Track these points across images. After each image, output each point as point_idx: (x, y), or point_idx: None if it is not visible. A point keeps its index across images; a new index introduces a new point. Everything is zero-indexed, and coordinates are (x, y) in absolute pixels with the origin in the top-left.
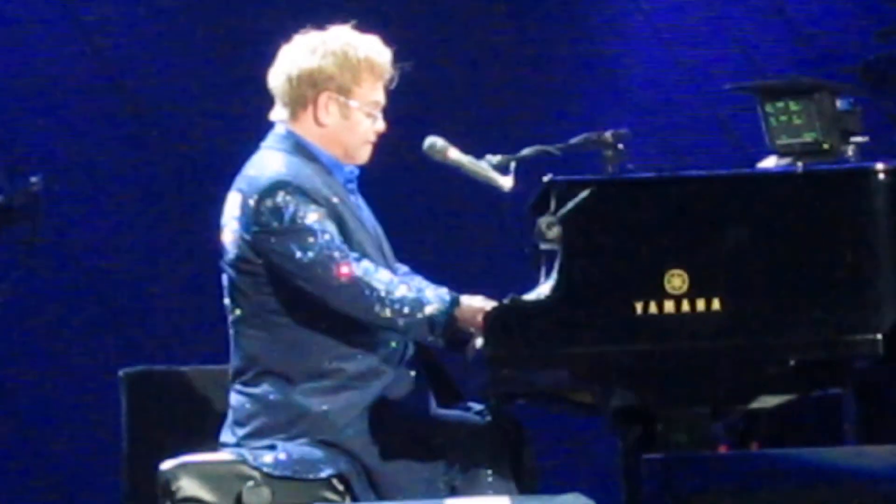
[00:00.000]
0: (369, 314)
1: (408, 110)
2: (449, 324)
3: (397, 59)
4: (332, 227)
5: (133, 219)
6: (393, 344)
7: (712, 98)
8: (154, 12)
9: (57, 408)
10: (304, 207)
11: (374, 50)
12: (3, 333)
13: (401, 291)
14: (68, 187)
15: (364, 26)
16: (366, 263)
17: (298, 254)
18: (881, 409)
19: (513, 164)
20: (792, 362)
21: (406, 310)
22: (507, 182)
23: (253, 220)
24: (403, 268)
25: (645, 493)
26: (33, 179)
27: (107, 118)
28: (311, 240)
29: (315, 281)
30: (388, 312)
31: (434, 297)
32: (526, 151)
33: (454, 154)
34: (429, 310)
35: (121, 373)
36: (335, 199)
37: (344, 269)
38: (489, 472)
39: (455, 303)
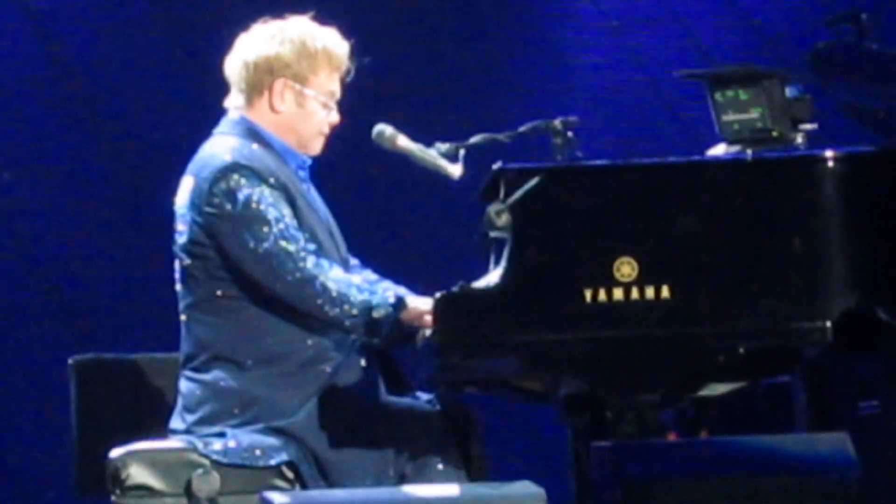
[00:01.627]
0: (316, 311)
1: (357, 98)
2: (394, 327)
3: (354, 50)
4: (287, 212)
5: (82, 207)
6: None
7: (662, 85)
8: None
9: (5, 396)
10: (259, 191)
11: (332, 41)
12: None
13: (351, 293)
14: (17, 176)
15: (317, 16)
16: (323, 261)
17: (252, 243)
18: (830, 397)
19: (462, 152)
20: (741, 350)
21: (354, 311)
22: (456, 170)
23: (206, 201)
24: (354, 260)
25: (594, 481)
26: None
27: (56, 106)
28: (265, 229)
29: (266, 272)
30: (335, 312)
31: (381, 300)
32: (475, 139)
33: (403, 142)
34: (375, 313)
35: (70, 361)
36: (289, 185)
37: (299, 264)
38: (438, 459)
39: (401, 306)
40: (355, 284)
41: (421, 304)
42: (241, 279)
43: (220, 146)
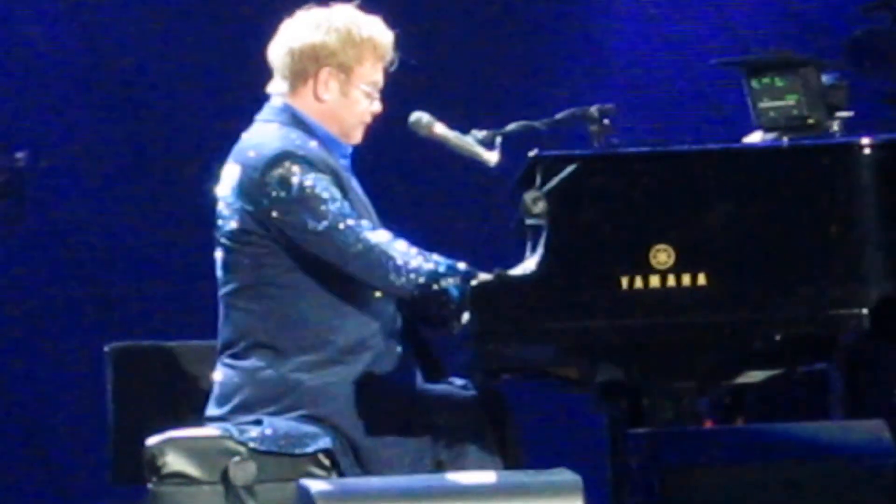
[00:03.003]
0: (384, 281)
1: (394, 86)
2: (463, 296)
3: (399, 41)
4: (339, 195)
5: (119, 194)
6: (381, 318)
7: (698, 73)
8: None
9: (43, 384)
10: (311, 175)
11: (377, 30)
12: None
13: (418, 261)
14: (53, 163)
15: (362, 4)
16: (382, 231)
17: (311, 223)
18: (867, 384)
19: (498, 140)
20: (778, 337)
21: (422, 279)
22: (492, 157)
23: (260, 192)
24: None
25: (630, 468)
26: (18, 155)
27: (93, 93)
28: (322, 208)
29: (331, 249)
30: (402, 281)
31: (450, 269)
32: (511, 127)
33: (440, 129)
34: (444, 282)
35: (106, 348)
36: (336, 170)
37: (360, 236)
38: (475, 447)
39: (471, 276)
40: (422, 253)
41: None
42: (288, 268)
43: (266, 134)
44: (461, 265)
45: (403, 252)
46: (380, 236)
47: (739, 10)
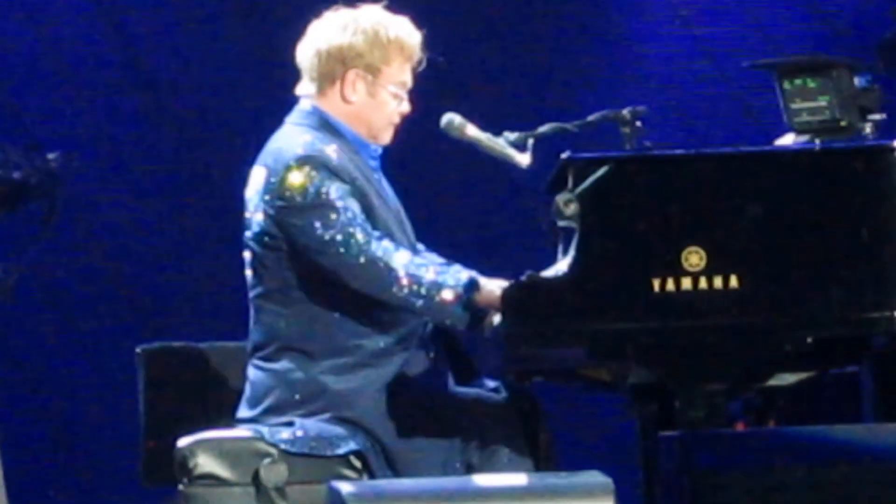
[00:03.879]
0: (386, 294)
1: (426, 87)
2: (467, 308)
3: (426, 41)
4: (354, 205)
5: (150, 195)
6: (412, 322)
7: (730, 75)
8: None
9: (74, 385)
10: (329, 183)
11: (404, 31)
12: (21, 310)
13: (420, 273)
14: (86, 164)
15: (389, 5)
16: (386, 243)
17: (320, 230)
18: None
19: (530, 141)
20: (809, 340)
21: (423, 291)
22: (524, 159)
23: (277, 194)
24: (420, 246)
25: (662, 471)
26: (51, 156)
27: (125, 94)
28: (333, 216)
29: (333, 258)
30: (405, 293)
31: (453, 280)
32: (543, 128)
33: (472, 131)
34: (446, 293)
35: (138, 349)
36: (359, 176)
37: (363, 248)
38: (506, 449)
39: (473, 286)
40: (424, 265)
41: (493, 286)
42: (311, 271)
43: (292, 138)
44: (464, 275)
45: (406, 264)
46: (384, 248)
47: (771, 12)
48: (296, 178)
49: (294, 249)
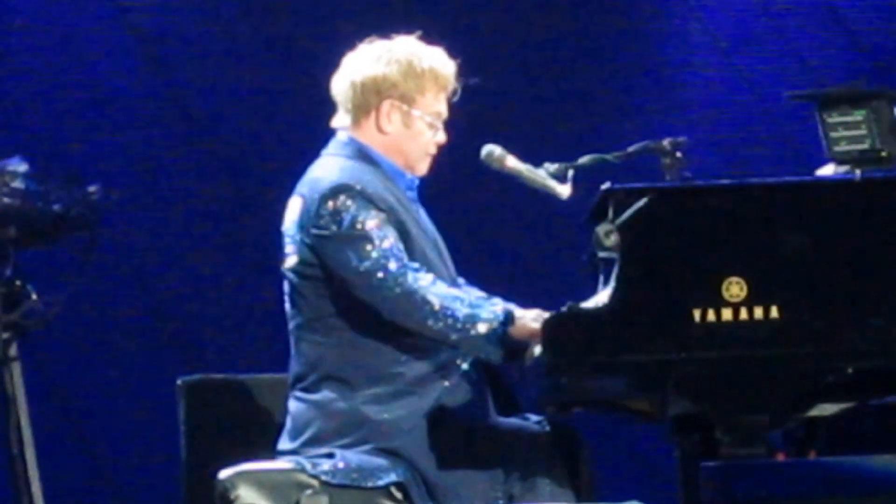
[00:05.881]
0: (421, 327)
1: (466, 119)
2: (502, 340)
3: (461, 70)
4: (392, 234)
5: (191, 227)
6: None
7: (770, 106)
8: (211, 20)
9: (115, 417)
10: (365, 213)
11: (438, 61)
12: (62, 342)
13: (455, 306)
14: (126, 197)
15: (424, 35)
16: (422, 275)
17: (354, 262)
18: None
19: (570, 173)
20: (850, 370)
21: (459, 325)
22: (564, 190)
23: (313, 222)
24: (460, 280)
25: (703, 501)
26: (91, 189)
27: (165, 127)
28: (368, 248)
29: (369, 290)
30: (440, 325)
31: (489, 313)
32: (584, 159)
33: (512, 162)
34: (482, 327)
35: (179, 381)
36: (397, 206)
37: (399, 280)
38: (547, 480)
39: (509, 320)
40: (460, 298)
41: (529, 319)
42: (349, 300)
43: (328, 167)
44: (499, 308)
45: (442, 296)
46: (421, 280)
47: (811, 43)
48: (331, 207)
49: (331, 278)
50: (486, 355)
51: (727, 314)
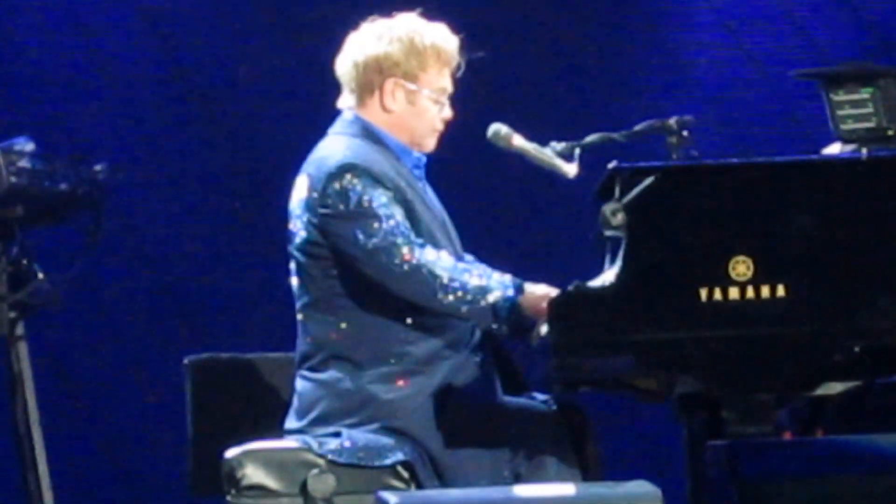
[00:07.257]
0: (431, 301)
1: (472, 97)
2: (512, 311)
3: (464, 47)
4: (398, 211)
5: (197, 206)
6: (460, 326)
7: (776, 85)
8: None
9: (122, 396)
10: (371, 191)
11: (440, 37)
12: (68, 322)
13: (464, 278)
14: (132, 176)
15: (429, 15)
16: (429, 250)
17: (362, 239)
18: None
19: (577, 151)
20: (857, 349)
21: (469, 297)
22: (571, 169)
23: (320, 202)
24: (468, 257)
25: (710, 480)
26: (97, 168)
27: (171, 106)
28: (375, 225)
29: (377, 267)
30: (450, 299)
31: (498, 284)
32: (590, 138)
33: (518, 141)
34: (492, 297)
35: (185, 360)
36: (403, 184)
37: (406, 256)
38: (554, 459)
39: (519, 290)
40: (468, 269)
41: (539, 290)
42: (356, 279)
43: (334, 146)
44: (508, 279)
45: (450, 268)
46: (428, 255)
47: (818, 22)
48: (337, 186)
49: (338, 257)
50: (498, 326)
51: (734, 293)
